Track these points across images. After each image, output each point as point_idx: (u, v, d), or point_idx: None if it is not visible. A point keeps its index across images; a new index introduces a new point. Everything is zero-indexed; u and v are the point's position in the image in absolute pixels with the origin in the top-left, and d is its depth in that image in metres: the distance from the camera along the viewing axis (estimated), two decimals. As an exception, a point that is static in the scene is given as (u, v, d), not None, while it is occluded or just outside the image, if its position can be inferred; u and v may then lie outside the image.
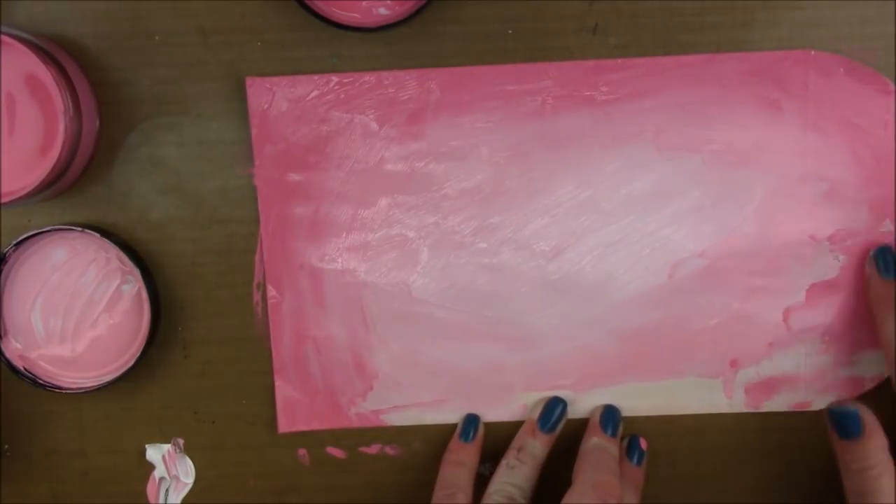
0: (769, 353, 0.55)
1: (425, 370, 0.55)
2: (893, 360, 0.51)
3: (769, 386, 0.55)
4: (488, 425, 0.56)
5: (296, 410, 0.56)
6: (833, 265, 0.54)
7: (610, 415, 0.55)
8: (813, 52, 0.52)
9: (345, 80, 0.53)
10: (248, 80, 0.53)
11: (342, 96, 0.53)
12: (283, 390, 0.56)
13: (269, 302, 0.55)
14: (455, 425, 0.56)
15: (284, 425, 0.56)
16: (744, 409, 0.56)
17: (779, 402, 0.55)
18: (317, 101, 0.53)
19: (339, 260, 0.54)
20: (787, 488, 0.56)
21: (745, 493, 0.57)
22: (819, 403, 0.55)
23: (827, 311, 0.54)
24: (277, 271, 0.55)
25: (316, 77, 0.53)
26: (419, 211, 0.54)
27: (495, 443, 0.56)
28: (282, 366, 0.55)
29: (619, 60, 0.53)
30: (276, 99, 0.53)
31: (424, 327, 0.55)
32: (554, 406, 0.55)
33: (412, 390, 0.56)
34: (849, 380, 0.55)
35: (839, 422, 0.50)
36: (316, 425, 0.56)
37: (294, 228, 0.54)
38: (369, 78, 0.53)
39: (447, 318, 0.55)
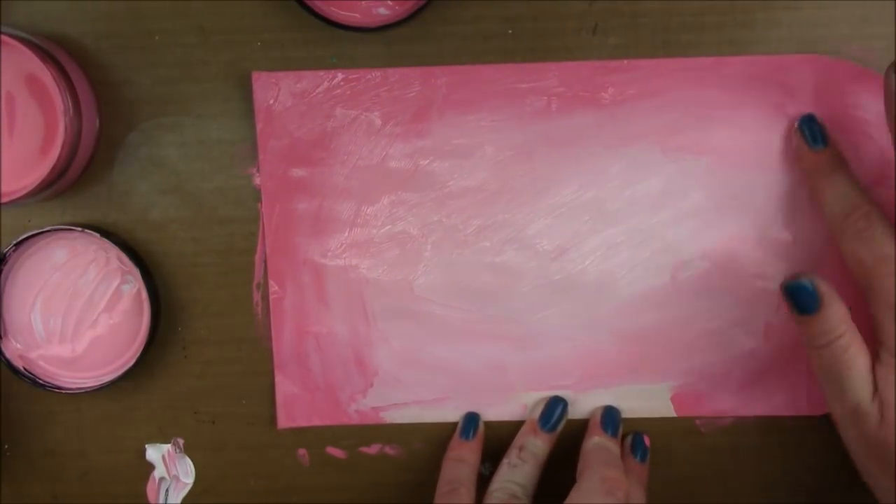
0: (770, 356, 0.55)
1: (426, 368, 0.55)
2: (836, 232, 0.50)
3: (770, 388, 0.55)
4: (489, 424, 0.56)
5: (295, 406, 0.56)
6: (835, 269, 0.54)
7: (610, 416, 0.55)
8: (818, 57, 0.52)
9: (351, 77, 0.53)
10: (255, 75, 0.53)
11: (348, 92, 0.53)
12: (284, 386, 0.56)
13: (271, 297, 0.55)
14: (455, 424, 0.56)
15: (284, 421, 0.56)
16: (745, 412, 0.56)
17: (780, 405, 0.55)
18: (322, 97, 0.53)
19: (342, 256, 0.54)
20: (787, 488, 0.56)
21: (745, 493, 0.57)
22: (821, 408, 0.55)
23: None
24: (280, 267, 0.55)
25: (321, 73, 0.53)
26: (422, 208, 0.54)
27: (496, 442, 0.56)
28: (283, 361, 0.55)
29: (626, 61, 0.53)
30: (281, 94, 0.53)
31: (426, 325, 0.55)
32: (555, 405, 0.55)
33: (412, 388, 0.56)
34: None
35: (795, 298, 0.49)
36: (316, 421, 0.56)
37: (297, 224, 0.54)
38: (375, 74, 0.53)
39: (449, 316, 0.55)
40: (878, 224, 0.48)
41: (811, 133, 0.52)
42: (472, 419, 0.55)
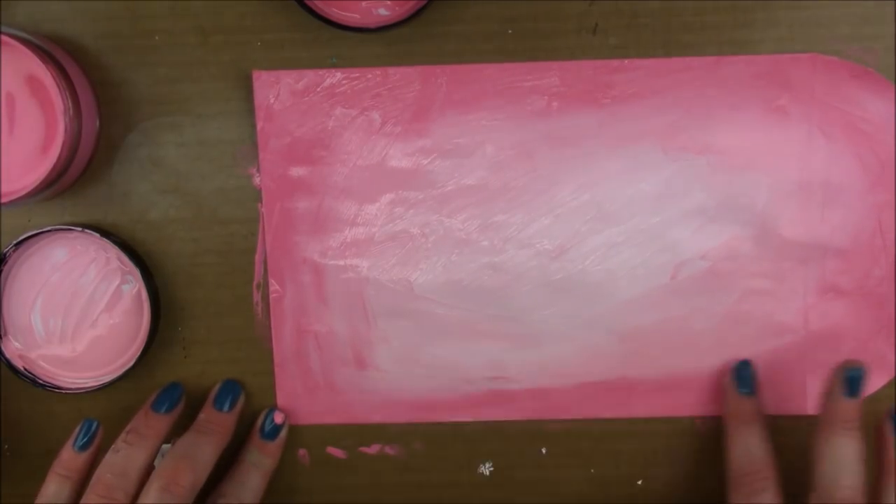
0: (771, 356, 0.55)
1: (426, 367, 0.55)
2: (732, 478, 0.51)
3: (770, 388, 0.55)
4: (489, 423, 0.56)
5: (295, 405, 0.56)
6: (835, 270, 0.54)
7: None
8: (819, 56, 0.52)
9: (351, 76, 0.53)
10: (255, 74, 0.53)
11: (348, 91, 0.53)
12: (284, 385, 0.56)
13: (271, 296, 0.55)
14: (457, 424, 0.56)
15: (283, 419, 0.56)
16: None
17: (780, 405, 0.55)
18: (322, 96, 0.53)
19: (342, 255, 0.54)
20: (786, 488, 0.56)
21: (745, 492, 0.57)
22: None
23: (829, 316, 0.54)
24: (280, 265, 0.55)
25: (322, 71, 0.53)
26: (422, 208, 0.54)
27: (496, 441, 0.56)
28: (282, 360, 0.55)
29: (627, 61, 0.53)
30: (281, 93, 0.53)
31: (425, 324, 0.55)
32: (171, 389, 0.54)
33: (413, 387, 0.56)
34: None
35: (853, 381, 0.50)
36: (315, 420, 0.56)
37: (297, 223, 0.54)
38: (375, 73, 0.53)
39: (448, 315, 0.55)
40: (771, 493, 0.50)
41: (741, 378, 0.54)
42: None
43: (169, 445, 0.55)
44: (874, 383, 0.55)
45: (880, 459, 0.51)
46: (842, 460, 0.49)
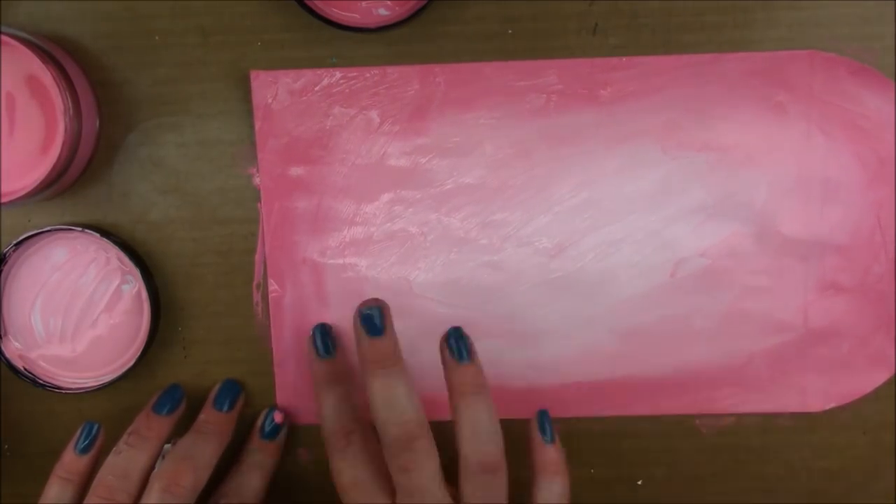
0: (770, 353, 0.55)
1: (425, 366, 0.55)
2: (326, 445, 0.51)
3: (770, 386, 0.55)
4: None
5: (295, 405, 0.56)
6: (835, 266, 0.54)
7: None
8: (817, 53, 0.52)
9: (349, 75, 0.53)
10: (253, 74, 0.53)
11: (346, 91, 0.53)
12: (284, 385, 0.56)
13: (271, 296, 0.55)
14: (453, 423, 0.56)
15: (283, 419, 0.56)
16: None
17: (779, 402, 0.55)
18: (320, 96, 0.53)
19: (341, 255, 0.54)
20: (787, 488, 0.56)
21: (744, 493, 0.57)
22: (821, 405, 0.55)
23: (829, 313, 0.54)
24: (279, 265, 0.55)
25: (320, 71, 0.53)
26: (421, 207, 0.54)
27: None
28: (282, 360, 0.55)
29: (625, 59, 0.53)
30: (279, 93, 0.53)
31: (425, 323, 0.55)
32: (172, 391, 0.54)
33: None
34: (851, 380, 0.55)
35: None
36: (315, 420, 0.56)
37: (296, 222, 0.54)
38: (374, 73, 0.53)
39: (448, 313, 0.55)
40: (359, 446, 0.50)
41: (322, 342, 0.54)
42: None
43: (170, 446, 0.55)
44: (874, 381, 0.55)
45: (531, 460, 0.51)
46: (335, 404, 0.51)
